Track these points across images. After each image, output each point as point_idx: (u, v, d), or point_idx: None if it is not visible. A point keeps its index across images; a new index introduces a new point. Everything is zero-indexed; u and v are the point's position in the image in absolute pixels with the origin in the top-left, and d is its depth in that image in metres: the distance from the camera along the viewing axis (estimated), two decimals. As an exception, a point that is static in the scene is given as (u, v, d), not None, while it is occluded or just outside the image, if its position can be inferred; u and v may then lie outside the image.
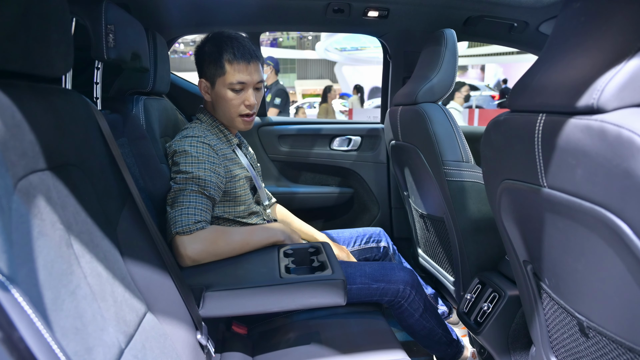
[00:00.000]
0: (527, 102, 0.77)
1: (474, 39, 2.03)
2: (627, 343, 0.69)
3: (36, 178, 0.61)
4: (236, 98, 1.29)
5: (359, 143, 2.25)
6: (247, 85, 1.29)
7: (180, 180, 1.18)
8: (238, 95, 1.29)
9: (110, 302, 0.71)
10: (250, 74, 1.28)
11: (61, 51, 0.69)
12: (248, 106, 1.31)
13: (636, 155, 0.54)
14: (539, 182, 0.75)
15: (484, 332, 1.24)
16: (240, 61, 1.26)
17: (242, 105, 1.30)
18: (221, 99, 1.30)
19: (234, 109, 1.31)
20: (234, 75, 1.27)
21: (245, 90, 1.30)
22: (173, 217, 1.13)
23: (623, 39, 0.61)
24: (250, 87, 1.30)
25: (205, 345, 0.97)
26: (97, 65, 1.14)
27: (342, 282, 1.03)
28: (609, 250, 0.65)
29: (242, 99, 1.30)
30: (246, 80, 1.28)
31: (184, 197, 1.16)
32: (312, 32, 4.18)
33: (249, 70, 1.27)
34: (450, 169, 1.37)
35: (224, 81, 1.28)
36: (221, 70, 1.27)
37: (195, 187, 1.17)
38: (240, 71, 1.27)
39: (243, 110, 1.31)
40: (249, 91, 1.30)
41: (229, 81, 1.27)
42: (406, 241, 2.20)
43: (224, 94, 1.29)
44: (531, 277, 0.96)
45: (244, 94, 1.30)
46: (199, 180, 1.18)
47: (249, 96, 1.29)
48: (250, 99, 1.29)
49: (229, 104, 1.30)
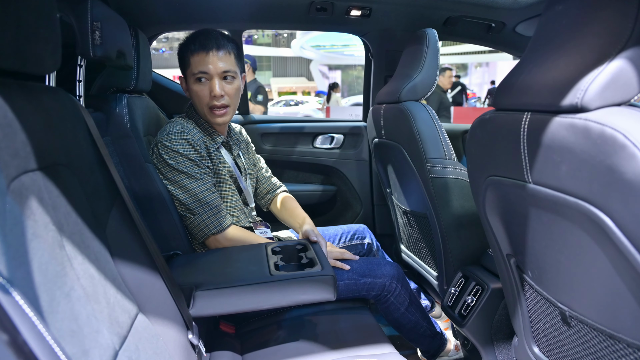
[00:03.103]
0: (512, 101, 0.80)
1: (453, 39, 2.07)
2: (608, 330, 0.73)
3: (28, 179, 0.59)
4: (202, 89, 1.30)
5: (341, 141, 2.27)
6: (210, 75, 1.29)
7: (182, 182, 1.24)
8: (203, 86, 1.30)
9: (103, 303, 0.70)
10: (210, 63, 1.28)
11: (50, 48, 0.67)
12: (214, 97, 1.30)
13: (619, 152, 0.57)
14: (524, 178, 0.78)
15: (468, 324, 1.28)
16: (199, 51, 1.28)
17: (208, 97, 1.31)
18: (192, 93, 1.33)
19: (202, 101, 1.31)
20: (196, 66, 1.28)
21: (209, 79, 1.30)
22: (202, 220, 1.25)
23: (604, 41, 0.64)
24: (214, 77, 1.29)
25: (196, 345, 0.96)
26: (80, 62, 1.12)
27: (331, 277, 1.04)
28: (592, 243, 0.68)
29: (208, 91, 1.30)
30: (206, 69, 1.28)
31: (198, 200, 1.24)
32: (295, 30, 4.16)
33: (208, 59, 1.27)
34: (434, 166, 1.40)
35: (190, 74, 1.31)
36: (187, 63, 1.30)
37: (200, 185, 1.24)
38: (201, 61, 1.28)
39: (211, 102, 1.31)
40: (213, 81, 1.29)
41: (192, 72, 1.30)
42: (389, 237, 2.23)
43: (192, 87, 1.31)
44: (514, 270, 0.99)
45: (209, 84, 1.30)
46: (199, 177, 1.24)
47: (213, 86, 1.29)
48: (215, 89, 1.29)
49: (197, 96, 1.31)
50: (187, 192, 1.24)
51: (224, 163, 1.36)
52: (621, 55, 0.61)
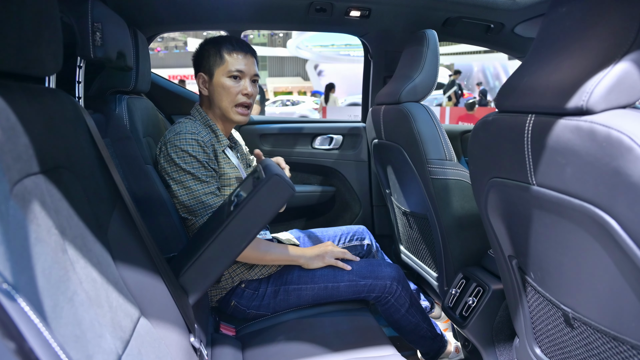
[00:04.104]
0: (516, 103, 0.80)
1: (452, 40, 2.07)
2: (612, 332, 0.73)
3: (30, 182, 0.58)
4: (234, 86, 1.33)
5: (340, 142, 2.26)
6: (244, 75, 1.34)
7: (186, 183, 1.23)
8: (237, 83, 1.34)
9: (105, 308, 0.70)
10: (247, 64, 1.34)
11: (52, 50, 0.66)
12: (246, 95, 1.35)
13: (625, 155, 0.57)
14: (528, 180, 0.78)
15: (469, 325, 1.28)
16: (239, 51, 1.33)
17: (240, 94, 1.34)
18: (219, 88, 1.34)
19: (231, 97, 1.34)
20: (233, 64, 1.32)
21: (243, 79, 1.34)
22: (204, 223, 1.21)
23: (609, 43, 0.64)
24: (247, 77, 1.35)
25: (198, 348, 0.96)
26: (79, 63, 1.11)
27: (275, 176, 0.96)
28: (596, 245, 0.68)
29: (240, 88, 1.34)
30: (244, 69, 1.33)
31: (201, 202, 1.23)
32: (294, 30, 4.15)
33: (247, 61, 1.34)
34: (434, 167, 1.40)
35: (223, 70, 1.33)
36: (220, 60, 1.33)
37: (205, 188, 1.24)
38: (238, 60, 1.33)
39: (240, 99, 1.35)
40: (246, 80, 1.35)
41: (227, 69, 1.32)
42: (388, 238, 2.23)
43: (222, 82, 1.33)
44: (516, 272, 0.99)
45: (242, 83, 1.34)
46: (204, 179, 1.24)
47: (247, 85, 1.35)
48: (248, 88, 1.35)
49: (227, 92, 1.33)
50: (190, 194, 1.24)
51: (230, 164, 1.36)
52: (626, 57, 0.62)
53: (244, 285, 1.34)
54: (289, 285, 1.34)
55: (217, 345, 1.15)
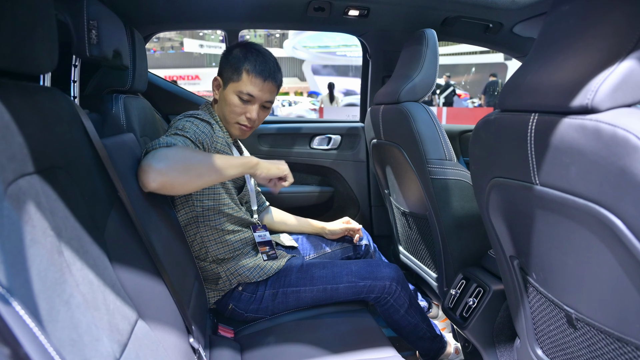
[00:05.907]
0: (518, 102, 0.79)
1: (451, 39, 2.07)
2: (616, 333, 0.72)
3: (25, 182, 0.57)
4: (239, 107, 1.28)
5: (338, 142, 2.25)
6: (254, 100, 1.29)
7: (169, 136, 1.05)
8: (243, 105, 1.28)
9: (102, 310, 0.68)
10: (262, 90, 1.28)
11: (47, 47, 0.65)
12: (248, 119, 1.30)
13: (631, 154, 0.56)
14: (530, 179, 0.77)
15: (470, 326, 1.27)
16: (258, 75, 1.26)
17: (243, 116, 1.30)
18: (225, 102, 1.30)
19: (233, 115, 1.30)
20: (246, 86, 1.27)
21: (251, 103, 1.29)
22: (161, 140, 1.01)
23: (614, 41, 0.63)
24: (256, 103, 1.29)
25: (197, 349, 0.94)
26: (74, 62, 1.09)
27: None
28: (601, 245, 0.67)
29: (245, 111, 1.29)
30: (255, 95, 1.28)
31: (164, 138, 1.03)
32: (292, 30, 4.12)
33: (263, 87, 1.28)
34: (434, 167, 1.39)
35: (235, 87, 1.28)
36: (237, 76, 1.27)
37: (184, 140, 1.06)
38: (254, 84, 1.27)
39: (241, 120, 1.31)
40: (254, 106, 1.29)
41: (239, 89, 1.27)
42: (386, 239, 2.22)
43: (230, 98, 1.28)
44: (517, 272, 0.99)
45: (249, 107, 1.29)
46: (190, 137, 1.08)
47: (252, 110, 1.29)
48: (252, 114, 1.29)
49: (231, 109, 1.29)
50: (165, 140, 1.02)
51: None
52: (632, 55, 0.61)
53: (241, 288, 1.32)
54: (288, 288, 1.33)
55: (215, 347, 1.13)
